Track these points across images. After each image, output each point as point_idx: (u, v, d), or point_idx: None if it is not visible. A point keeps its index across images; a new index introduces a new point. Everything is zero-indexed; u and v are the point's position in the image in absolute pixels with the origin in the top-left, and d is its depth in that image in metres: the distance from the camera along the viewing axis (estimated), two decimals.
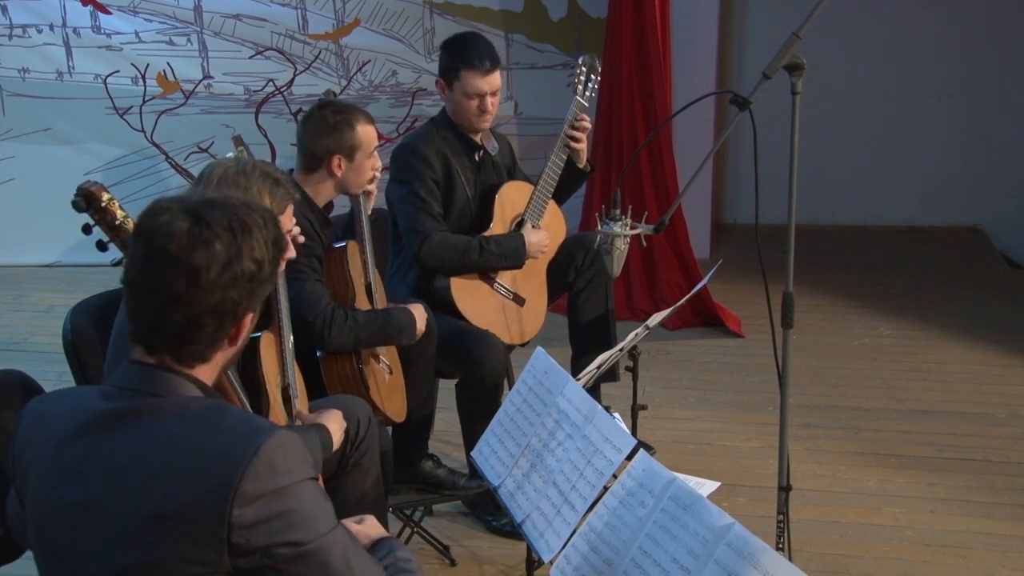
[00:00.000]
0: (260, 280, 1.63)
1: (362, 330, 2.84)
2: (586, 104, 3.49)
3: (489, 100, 3.35)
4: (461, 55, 3.33)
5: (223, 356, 1.67)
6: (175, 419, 1.55)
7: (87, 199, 1.99)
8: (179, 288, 1.56)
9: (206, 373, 1.66)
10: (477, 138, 3.45)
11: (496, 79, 3.36)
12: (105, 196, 2.00)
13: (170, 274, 1.56)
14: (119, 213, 2.00)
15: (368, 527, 1.85)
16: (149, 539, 1.50)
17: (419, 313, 3.03)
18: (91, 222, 2.00)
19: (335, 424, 2.42)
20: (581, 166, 3.56)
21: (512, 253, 3.40)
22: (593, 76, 3.52)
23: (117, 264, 2.29)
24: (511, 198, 3.48)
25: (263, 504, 1.49)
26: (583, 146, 3.52)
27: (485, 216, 3.46)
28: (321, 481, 2.04)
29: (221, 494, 1.48)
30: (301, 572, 1.53)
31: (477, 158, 3.47)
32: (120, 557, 1.52)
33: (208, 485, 1.48)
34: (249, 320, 1.66)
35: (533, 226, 3.49)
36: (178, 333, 1.59)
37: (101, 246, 2.03)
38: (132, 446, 1.54)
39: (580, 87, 3.50)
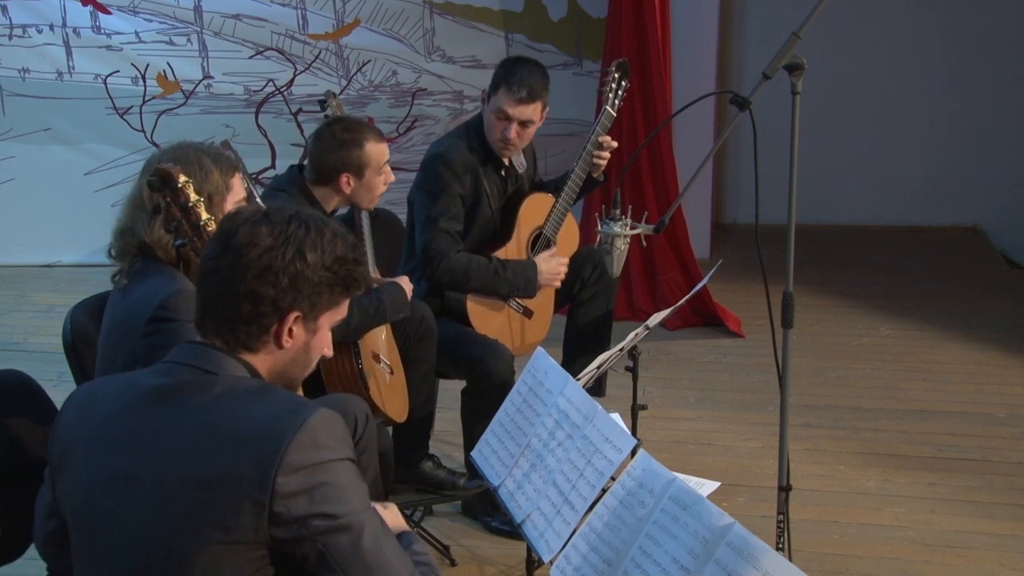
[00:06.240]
0: (307, 283, 1.66)
1: (353, 316, 2.81)
2: (614, 115, 3.41)
3: (514, 129, 3.29)
4: (506, 74, 3.27)
5: (271, 357, 1.69)
6: (224, 393, 1.60)
7: (163, 179, 1.98)
8: (223, 262, 1.64)
9: (256, 363, 1.69)
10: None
11: (528, 111, 3.27)
12: (181, 178, 1.99)
13: (219, 246, 1.65)
14: (192, 196, 2.00)
15: (391, 514, 1.87)
16: (190, 505, 1.53)
17: (405, 284, 3.00)
18: (162, 203, 1.99)
19: None
20: (596, 175, 3.52)
21: (524, 284, 3.34)
22: (624, 83, 3.44)
23: (183, 246, 2.28)
24: (530, 212, 3.44)
25: (305, 475, 1.53)
26: (604, 161, 3.47)
27: (506, 228, 3.42)
28: None
29: (267, 461, 1.51)
30: (334, 546, 1.55)
31: (503, 173, 3.45)
32: (160, 527, 1.54)
33: (254, 453, 1.52)
34: (295, 323, 1.68)
35: (550, 239, 3.46)
36: (220, 311, 1.65)
37: (167, 226, 2.02)
38: (180, 417, 1.58)
39: (611, 95, 3.41)
